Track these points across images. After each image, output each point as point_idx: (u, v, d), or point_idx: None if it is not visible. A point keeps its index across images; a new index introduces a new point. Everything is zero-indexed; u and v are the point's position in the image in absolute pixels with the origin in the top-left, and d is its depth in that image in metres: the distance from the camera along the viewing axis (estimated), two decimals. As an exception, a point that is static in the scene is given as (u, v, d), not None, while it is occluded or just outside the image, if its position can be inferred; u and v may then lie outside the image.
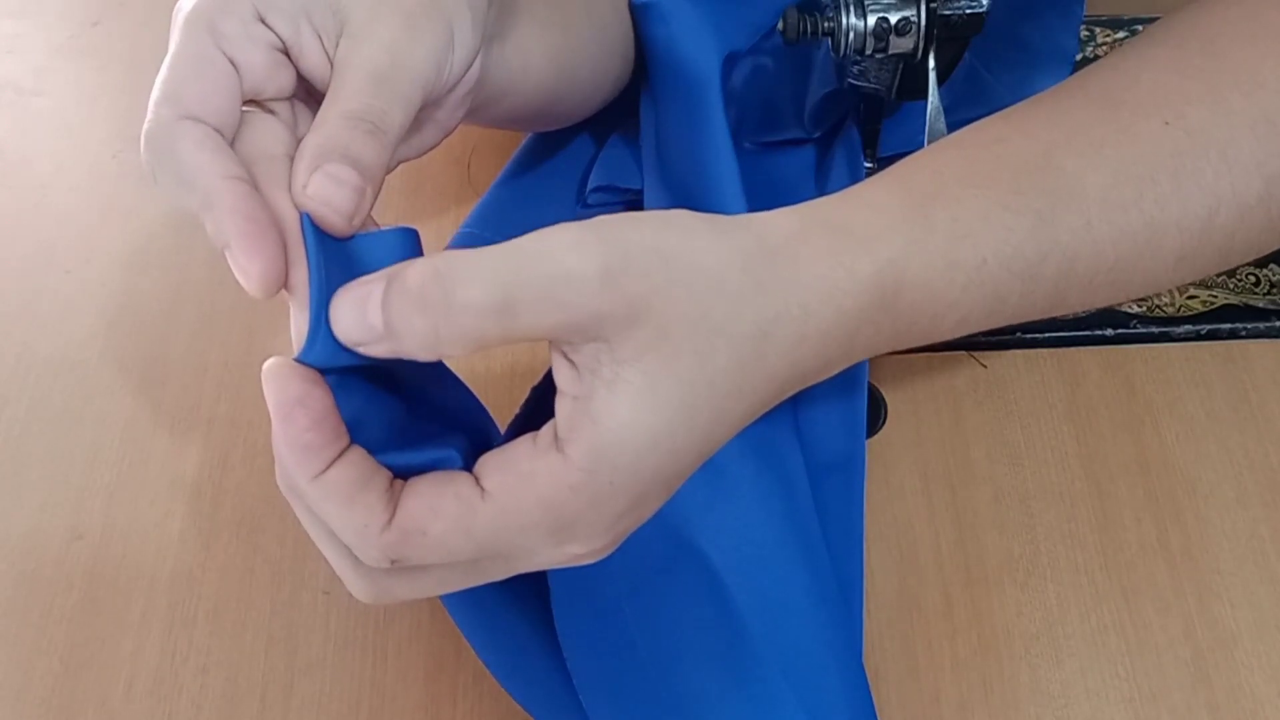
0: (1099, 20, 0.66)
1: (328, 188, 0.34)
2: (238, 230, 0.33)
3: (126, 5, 0.72)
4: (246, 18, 0.36)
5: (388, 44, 0.36)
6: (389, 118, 0.36)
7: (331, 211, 0.34)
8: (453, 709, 0.47)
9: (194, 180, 0.34)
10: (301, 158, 0.35)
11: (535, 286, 0.30)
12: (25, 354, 0.57)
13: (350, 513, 0.31)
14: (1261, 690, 0.46)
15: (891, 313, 0.36)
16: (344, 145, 0.34)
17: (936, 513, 0.51)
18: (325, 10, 0.36)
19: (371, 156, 0.35)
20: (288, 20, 0.36)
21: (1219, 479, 0.51)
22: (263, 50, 0.36)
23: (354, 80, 0.36)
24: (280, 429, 0.32)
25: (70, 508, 0.52)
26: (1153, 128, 0.39)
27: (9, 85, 0.68)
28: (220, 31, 0.35)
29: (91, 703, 0.47)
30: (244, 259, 0.33)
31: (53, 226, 0.62)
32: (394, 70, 0.36)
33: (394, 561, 0.31)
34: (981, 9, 0.49)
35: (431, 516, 0.31)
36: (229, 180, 0.34)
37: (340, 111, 0.35)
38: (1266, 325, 0.55)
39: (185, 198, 0.34)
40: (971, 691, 0.46)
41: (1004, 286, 0.37)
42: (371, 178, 0.35)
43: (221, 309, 0.58)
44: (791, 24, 0.50)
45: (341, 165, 0.34)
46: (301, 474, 0.31)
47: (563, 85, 0.50)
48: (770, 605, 0.46)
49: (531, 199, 0.59)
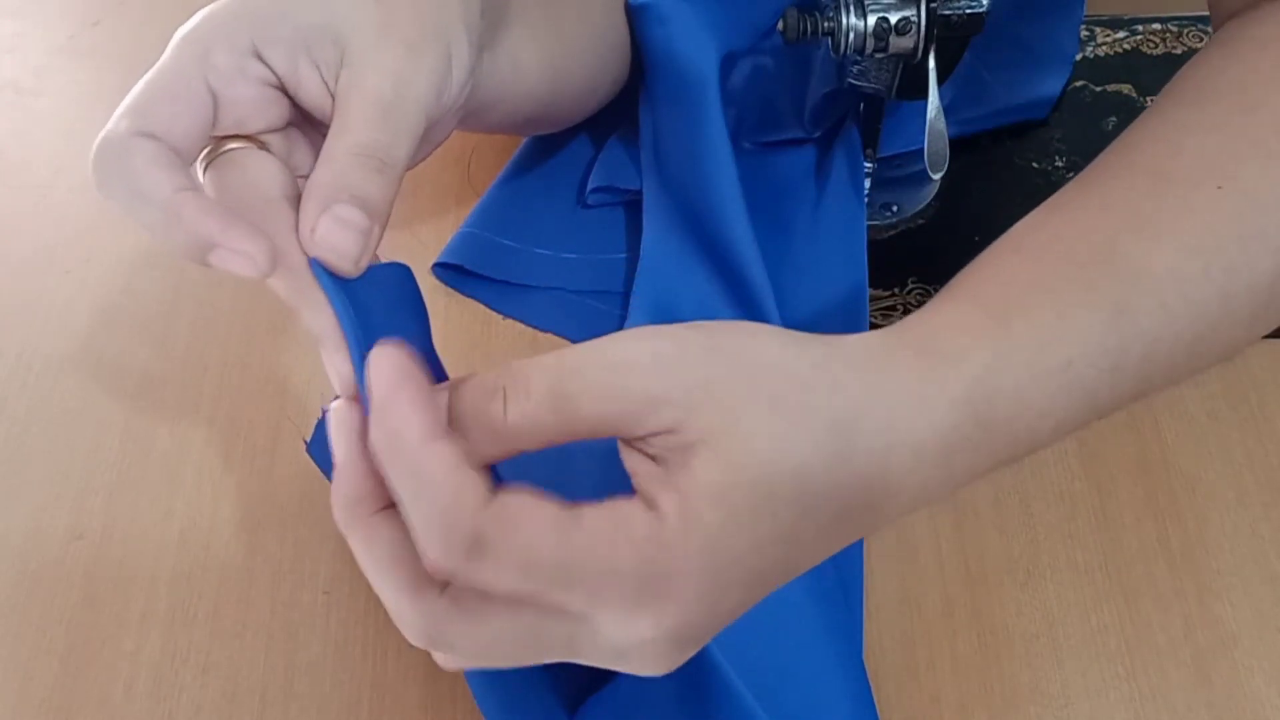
0: (1099, 20, 0.66)
1: (335, 233, 0.34)
2: (219, 225, 0.33)
3: (126, 5, 0.72)
4: (242, 51, 0.36)
5: (391, 73, 0.36)
6: (395, 150, 0.36)
7: (339, 258, 0.34)
8: (453, 709, 0.47)
9: (149, 195, 0.34)
10: (309, 198, 0.34)
11: (588, 374, 0.30)
12: (25, 354, 0.57)
13: (454, 476, 0.30)
14: (1261, 690, 0.46)
15: (987, 429, 0.34)
16: (352, 184, 0.34)
17: (936, 513, 0.51)
18: (325, 41, 0.36)
19: (379, 193, 0.35)
20: (285, 54, 0.36)
21: (1219, 479, 0.51)
22: (253, 86, 0.36)
23: (359, 112, 0.35)
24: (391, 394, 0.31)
25: (70, 508, 0.52)
26: (1208, 196, 0.38)
27: (9, 85, 0.68)
28: (211, 62, 0.35)
29: (91, 703, 0.47)
30: (241, 243, 0.33)
31: (53, 226, 0.62)
32: (398, 100, 0.36)
33: (473, 547, 0.29)
34: (981, 9, 0.49)
35: (530, 514, 0.30)
36: (185, 192, 0.34)
37: (347, 146, 0.35)
38: (1266, 325, 0.55)
39: (137, 211, 0.34)
40: (971, 691, 0.46)
41: (1092, 383, 0.36)
42: (379, 215, 0.35)
43: (221, 309, 0.58)
44: (791, 24, 0.50)
45: (348, 207, 0.34)
46: (414, 432, 0.30)
47: (555, 91, 0.50)
48: (770, 605, 0.46)
49: (531, 199, 0.59)
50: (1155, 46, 0.65)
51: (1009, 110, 0.62)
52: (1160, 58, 0.64)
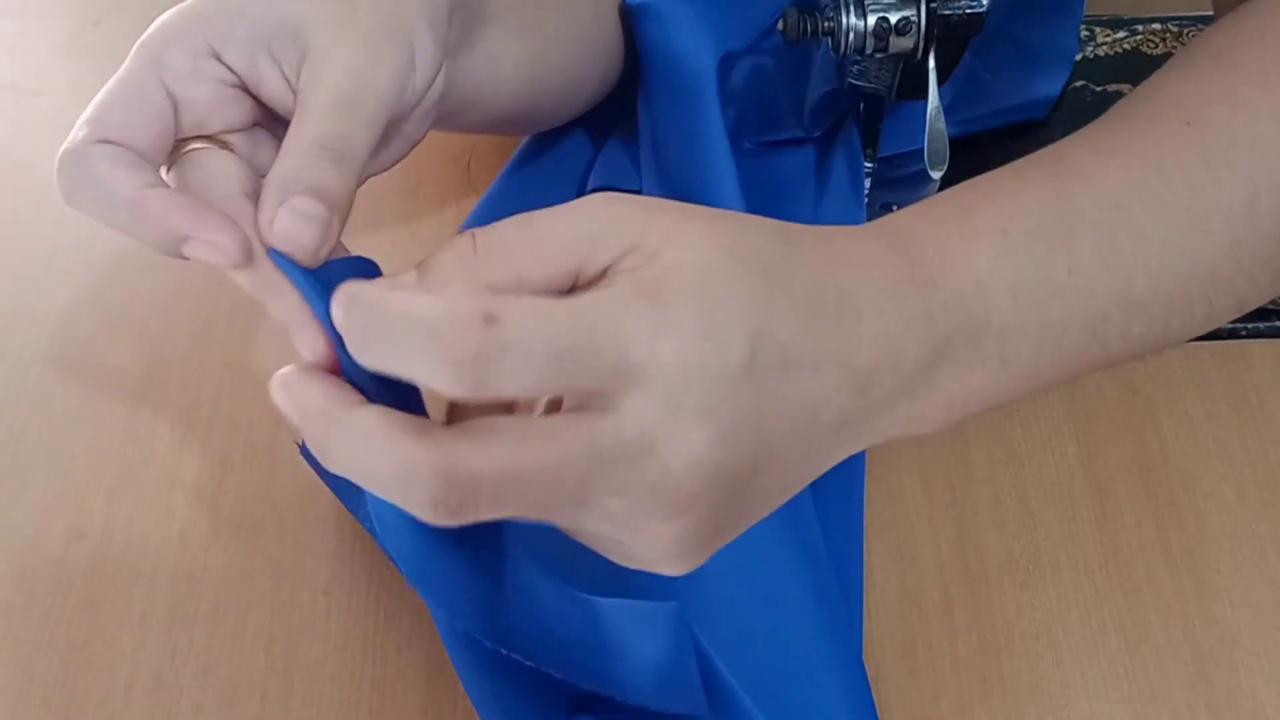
0: (1099, 20, 0.66)
1: (293, 224, 0.34)
2: (190, 218, 0.33)
3: (126, 5, 0.72)
4: (198, 52, 0.36)
5: (349, 68, 0.36)
6: (353, 143, 0.36)
7: (297, 248, 0.34)
8: (453, 709, 0.47)
9: (114, 196, 0.34)
10: (268, 191, 0.34)
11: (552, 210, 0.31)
12: (25, 354, 0.57)
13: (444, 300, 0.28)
14: (1261, 690, 0.46)
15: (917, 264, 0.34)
16: (309, 176, 0.34)
17: (936, 513, 0.51)
18: (286, 38, 0.36)
19: (337, 185, 0.35)
20: (243, 53, 0.36)
21: (1219, 479, 0.51)
22: (210, 86, 0.36)
23: (317, 106, 0.35)
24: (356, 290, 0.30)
25: (70, 508, 0.52)
26: (1173, 128, 0.38)
27: (9, 85, 0.68)
28: (166, 64, 0.36)
29: (91, 703, 0.47)
30: (214, 235, 0.33)
31: (53, 227, 0.62)
32: (357, 94, 0.36)
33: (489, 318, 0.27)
34: (981, 9, 0.49)
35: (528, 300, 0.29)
36: (150, 189, 0.34)
37: (304, 139, 0.35)
38: (1266, 325, 0.55)
39: (107, 215, 0.35)
40: (971, 691, 0.46)
41: (1042, 257, 0.35)
42: (338, 206, 0.35)
43: (221, 309, 0.58)
44: (791, 24, 0.50)
45: (306, 198, 0.34)
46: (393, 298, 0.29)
47: (537, 92, 0.50)
48: (771, 605, 0.46)
49: (531, 199, 0.59)
50: (1155, 46, 0.65)
51: (1009, 110, 0.62)
52: (1160, 58, 0.64)
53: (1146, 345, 0.38)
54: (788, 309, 0.31)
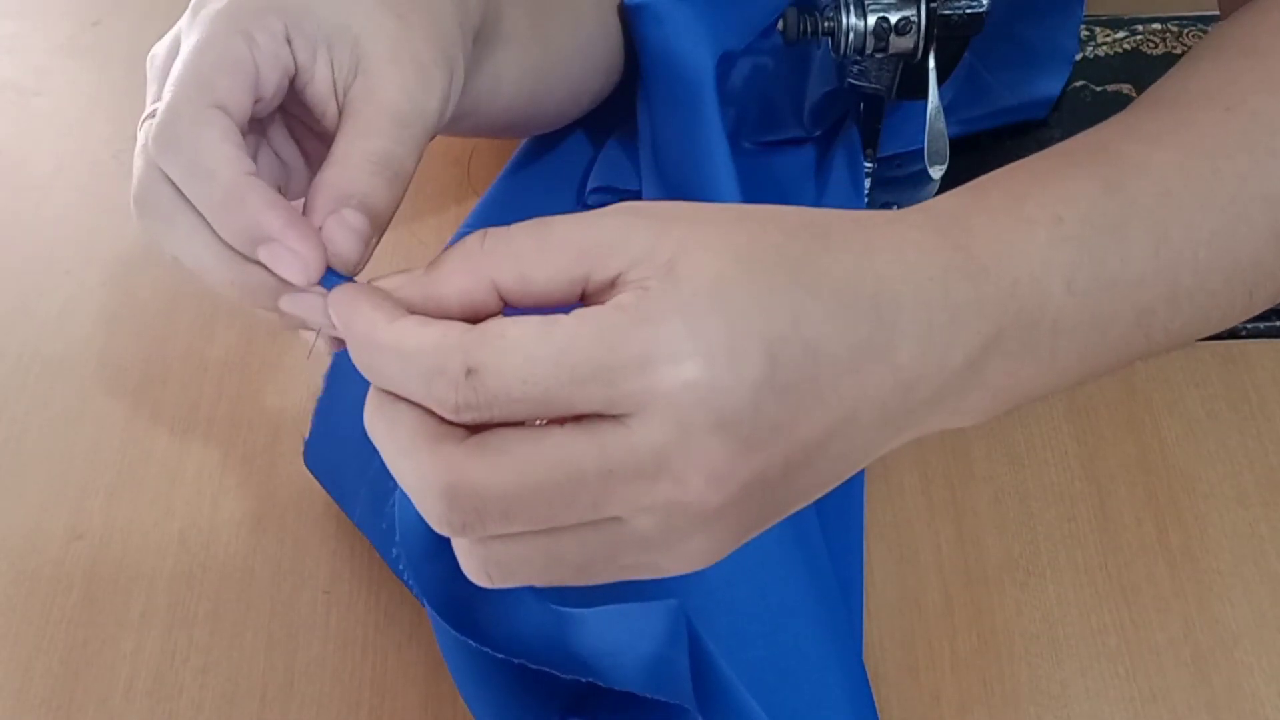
0: (1099, 20, 0.66)
1: (339, 234, 0.33)
2: (282, 221, 0.33)
3: (126, 5, 0.72)
4: (276, 34, 0.35)
5: (406, 90, 0.36)
6: (406, 164, 0.36)
7: (337, 259, 0.33)
8: (453, 709, 0.47)
9: (215, 173, 0.33)
10: (318, 195, 0.34)
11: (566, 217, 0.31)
12: (25, 354, 0.57)
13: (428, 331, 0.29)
14: (1261, 690, 0.46)
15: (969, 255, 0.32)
16: (362, 190, 0.34)
17: (936, 512, 0.51)
18: (344, 44, 0.36)
19: (385, 202, 0.35)
20: (308, 46, 0.36)
21: (1219, 479, 0.51)
22: (280, 71, 0.36)
23: (375, 122, 0.35)
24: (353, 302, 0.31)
25: (70, 508, 0.52)
26: (1215, 115, 0.37)
27: (9, 85, 0.68)
28: (255, 40, 0.35)
29: (91, 703, 0.47)
30: (298, 244, 0.32)
31: (53, 227, 0.62)
32: (411, 116, 0.36)
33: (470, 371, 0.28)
34: (981, 9, 0.49)
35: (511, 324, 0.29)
36: (251, 176, 0.33)
37: (360, 152, 0.35)
38: (1266, 325, 0.55)
39: (193, 186, 0.33)
40: (971, 691, 0.46)
41: (1096, 247, 0.34)
42: (380, 225, 0.35)
43: (221, 309, 0.58)
44: (791, 24, 0.50)
45: (358, 213, 0.34)
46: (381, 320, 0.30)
47: (534, 102, 0.50)
48: (771, 605, 0.46)
49: (531, 199, 0.59)
50: (1155, 46, 0.65)
51: (1009, 110, 0.62)
52: (1160, 58, 0.64)
53: (1186, 336, 0.37)
54: (815, 306, 0.30)
